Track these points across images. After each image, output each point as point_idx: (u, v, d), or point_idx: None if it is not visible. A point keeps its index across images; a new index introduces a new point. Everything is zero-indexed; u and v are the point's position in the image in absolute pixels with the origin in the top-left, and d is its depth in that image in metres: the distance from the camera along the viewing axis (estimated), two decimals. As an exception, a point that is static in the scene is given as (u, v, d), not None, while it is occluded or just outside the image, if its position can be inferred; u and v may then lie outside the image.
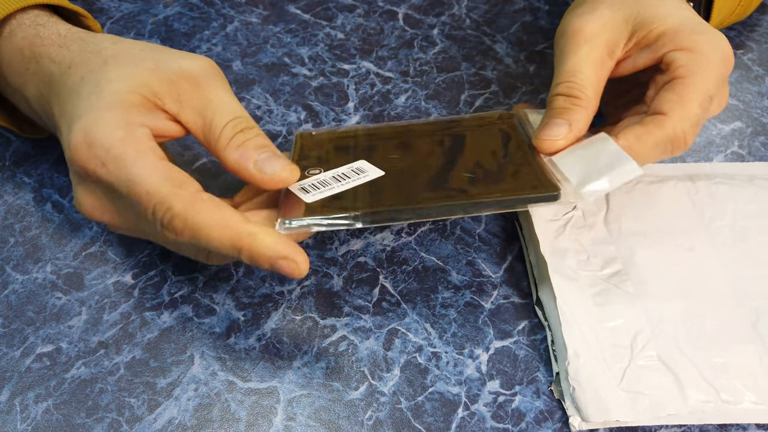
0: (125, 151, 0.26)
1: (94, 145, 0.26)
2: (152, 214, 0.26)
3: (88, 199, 0.28)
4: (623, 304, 0.30)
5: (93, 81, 0.28)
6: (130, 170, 0.26)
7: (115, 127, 0.26)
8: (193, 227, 0.25)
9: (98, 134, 0.26)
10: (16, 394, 0.29)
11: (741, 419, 0.28)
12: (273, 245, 0.25)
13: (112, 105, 0.27)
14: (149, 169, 0.26)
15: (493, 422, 0.28)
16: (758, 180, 0.36)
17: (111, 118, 0.26)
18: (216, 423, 0.28)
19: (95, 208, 0.28)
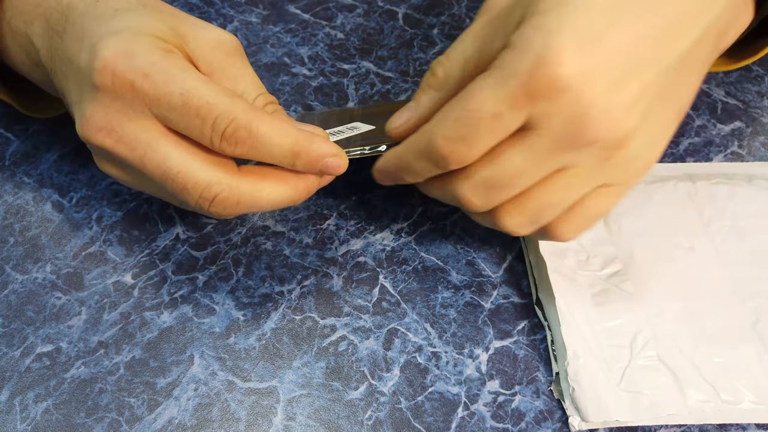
0: (173, 64, 0.25)
1: (136, 56, 0.24)
2: (212, 126, 0.25)
3: (105, 114, 0.25)
4: (623, 304, 0.30)
5: (131, 16, 0.26)
6: (185, 81, 0.25)
7: (156, 46, 0.25)
8: (257, 136, 0.25)
9: (140, 46, 0.25)
10: (16, 393, 0.29)
11: (741, 419, 0.28)
12: (326, 144, 0.27)
13: (153, 35, 0.26)
14: (203, 80, 0.25)
15: (492, 422, 0.28)
16: (758, 180, 0.36)
17: (153, 40, 0.25)
18: (216, 423, 0.28)
19: (110, 127, 0.25)
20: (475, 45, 0.25)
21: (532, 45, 0.22)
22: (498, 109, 0.23)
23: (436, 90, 0.26)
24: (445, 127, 0.24)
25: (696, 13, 0.24)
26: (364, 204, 0.36)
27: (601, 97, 0.22)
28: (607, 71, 0.22)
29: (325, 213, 0.35)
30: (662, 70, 0.23)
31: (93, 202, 0.35)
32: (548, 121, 0.23)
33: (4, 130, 0.39)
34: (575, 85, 0.22)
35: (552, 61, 0.22)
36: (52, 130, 0.38)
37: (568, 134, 0.23)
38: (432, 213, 0.35)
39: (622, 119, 0.23)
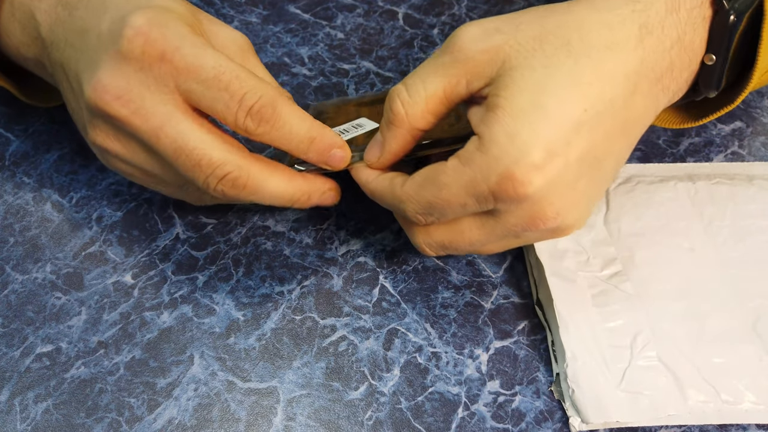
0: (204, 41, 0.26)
1: (169, 27, 0.25)
2: (240, 100, 0.25)
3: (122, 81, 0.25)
4: (623, 305, 0.30)
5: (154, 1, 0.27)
6: (216, 56, 0.25)
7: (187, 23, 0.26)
8: (280, 115, 0.26)
9: (173, 21, 0.25)
10: (16, 394, 0.29)
11: (741, 419, 0.28)
12: (337, 136, 0.29)
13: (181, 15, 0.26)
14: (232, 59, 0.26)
15: (493, 422, 0.28)
16: (758, 180, 0.36)
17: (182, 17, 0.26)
18: (216, 423, 0.28)
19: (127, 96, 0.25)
20: (439, 85, 0.26)
21: (503, 157, 0.24)
22: (466, 201, 0.25)
23: (398, 127, 0.27)
24: (417, 204, 0.27)
25: (640, 116, 0.26)
26: (364, 204, 0.36)
27: (556, 201, 0.25)
28: (565, 179, 0.25)
29: (325, 213, 0.35)
30: (605, 167, 0.26)
31: (93, 202, 0.35)
32: (507, 215, 0.26)
33: (4, 130, 0.38)
34: (537, 196, 0.24)
35: (520, 179, 0.24)
36: (52, 130, 0.38)
37: (522, 226, 0.26)
38: (432, 213, 0.35)
39: (568, 215, 0.26)
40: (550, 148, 0.24)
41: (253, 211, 0.35)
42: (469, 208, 0.26)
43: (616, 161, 0.27)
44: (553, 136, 0.24)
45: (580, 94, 0.24)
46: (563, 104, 0.24)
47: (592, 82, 0.24)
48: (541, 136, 0.24)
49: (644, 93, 0.26)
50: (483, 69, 0.25)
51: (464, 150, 0.25)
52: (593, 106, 0.24)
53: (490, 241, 0.27)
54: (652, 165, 0.36)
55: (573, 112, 0.24)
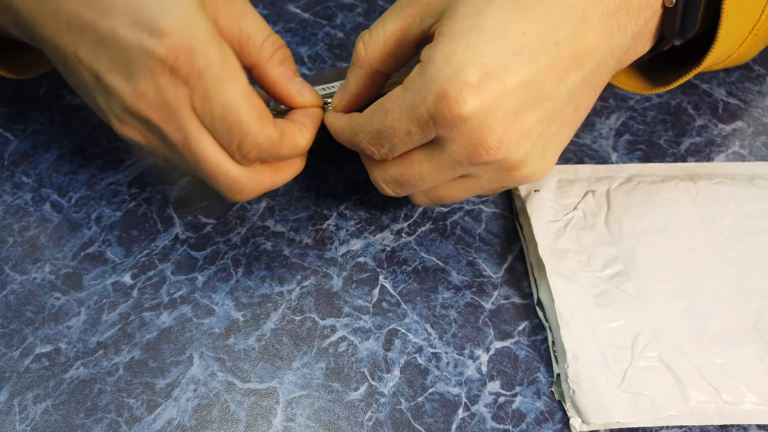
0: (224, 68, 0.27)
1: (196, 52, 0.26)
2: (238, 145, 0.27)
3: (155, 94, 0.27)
4: (624, 305, 0.30)
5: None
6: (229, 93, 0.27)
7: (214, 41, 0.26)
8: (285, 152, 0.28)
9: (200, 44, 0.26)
10: (15, 394, 0.28)
11: (742, 420, 0.28)
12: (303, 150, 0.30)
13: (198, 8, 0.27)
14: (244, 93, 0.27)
15: (493, 423, 0.28)
16: (759, 180, 0.35)
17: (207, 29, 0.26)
18: (215, 424, 0.28)
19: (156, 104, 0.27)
20: (396, 25, 0.27)
21: (438, 75, 0.24)
22: (410, 128, 0.25)
23: (359, 67, 0.29)
24: (368, 134, 0.27)
25: (592, 50, 0.26)
26: (364, 204, 0.36)
27: (497, 128, 0.24)
28: (505, 105, 0.24)
29: (325, 213, 0.35)
30: (556, 101, 0.26)
31: (92, 202, 0.35)
32: (450, 143, 0.25)
33: (3, 130, 0.38)
34: (474, 118, 0.24)
35: (454, 98, 0.24)
36: (51, 130, 0.38)
37: (466, 155, 0.25)
38: (432, 213, 0.35)
39: (516, 147, 0.25)
40: (486, 69, 0.24)
41: (253, 211, 0.35)
42: (414, 137, 0.26)
43: (570, 96, 0.26)
44: (490, 56, 0.24)
45: (519, 17, 0.24)
46: (501, 26, 0.24)
47: (534, 6, 0.24)
48: (477, 55, 0.24)
49: (594, 25, 0.25)
50: (434, 5, 0.26)
51: (408, 77, 0.26)
52: (534, 30, 0.24)
53: (442, 176, 0.27)
54: (653, 165, 0.36)
55: (512, 35, 0.24)
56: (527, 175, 0.27)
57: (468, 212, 0.35)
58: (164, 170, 0.36)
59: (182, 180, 0.36)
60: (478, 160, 0.25)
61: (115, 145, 0.37)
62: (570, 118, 0.27)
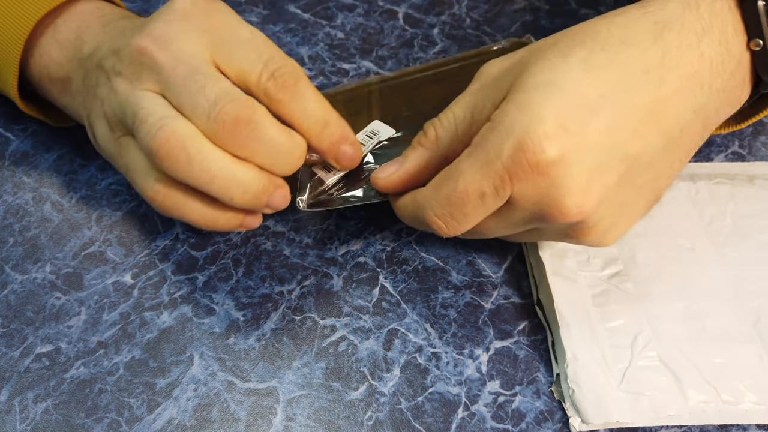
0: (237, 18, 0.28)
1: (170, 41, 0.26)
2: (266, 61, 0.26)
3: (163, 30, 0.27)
4: (623, 305, 0.30)
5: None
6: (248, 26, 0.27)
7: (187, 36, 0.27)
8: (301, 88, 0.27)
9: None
10: (16, 394, 0.29)
11: (741, 420, 0.28)
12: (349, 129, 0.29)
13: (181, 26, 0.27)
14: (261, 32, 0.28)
15: (493, 422, 0.28)
16: (759, 180, 0.35)
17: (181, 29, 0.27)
18: (215, 423, 0.28)
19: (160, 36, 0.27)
20: (467, 110, 0.26)
21: (514, 127, 0.23)
22: (484, 190, 0.24)
23: (426, 148, 0.27)
24: (436, 205, 0.26)
25: (674, 114, 0.24)
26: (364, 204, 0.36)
27: (575, 189, 0.23)
28: (584, 162, 0.23)
29: (325, 213, 0.35)
30: (635, 165, 0.24)
31: (92, 202, 0.35)
32: (524, 201, 0.24)
33: (3, 129, 0.38)
34: (552, 171, 0.23)
35: (533, 148, 0.22)
36: (51, 130, 0.38)
37: (540, 213, 0.24)
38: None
39: (590, 213, 0.24)
40: (564, 122, 0.22)
41: (253, 211, 0.35)
42: (488, 200, 0.24)
43: (649, 163, 0.25)
44: (568, 111, 0.23)
45: (595, 77, 0.23)
46: (578, 84, 0.23)
47: (609, 69, 0.23)
48: (554, 106, 0.23)
49: (675, 88, 0.24)
50: (504, 79, 0.25)
51: (477, 136, 0.24)
52: (612, 93, 0.23)
53: (509, 231, 0.27)
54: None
55: (589, 93, 0.23)
56: (593, 241, 0.26)
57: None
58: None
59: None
60: (550, 219, 0.24)
61: (116, 145, 0.37)
62: (647, 186, 0.26)
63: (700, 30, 0.24)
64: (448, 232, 0.26)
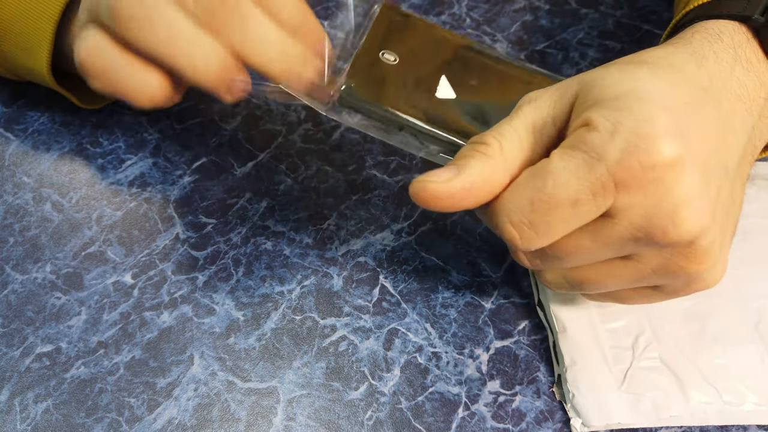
0: None
1: None
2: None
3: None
4: (625, 306, 0.30)
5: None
6: None
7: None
8: None
9: None
10: (16, 394, 0.29)
11: (743, 420, 0.28)
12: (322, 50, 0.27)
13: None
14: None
15: (493, 422, 0.28)
16: (759, 180, 0.35)
17: None
18: (216, 423, 0.28)
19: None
20: (527, 124, 0.23)
21: (622, 128, 0.20)
22: (579, 196, 0.20)
23: (489, 157, 0.22)
24: (515, 210, 0.21)
25: (738, 131, 0.23)
26: (364, 204, 0.36)
27: (691, 194, 0.20)
28: (696, 167, 0.20)
29: (325, 213, 0.35)
30: (728, 173, 0.22)
31: (93, 202, 0.35)
32: (630, 213, 0.20)
33: (3, 130, 0.38)
34: (668, 178, 0.20)
35: (646, 149, 0.19)
36: (52, 130, 0.38)
37: (646, 230, 0.20)
38: (432, 213, 0.35)
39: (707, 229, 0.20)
40: (676, 121, 0.20)
41: (253, 211, 0.35)
42: (582, 210, 0.20)
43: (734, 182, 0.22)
44: (673, 110, 0.20)
45: (674, 86, 0.21)
46: (664, 91, 0.21)
47: (679, 83, 0.21)
48: (660, 106, 0.20)
49: (731, 109, 0.23)
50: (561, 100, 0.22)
51: (568, 140, 0.21)
52: (695, 102, 0.21)
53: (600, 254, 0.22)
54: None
55: (679, 99, 0.21)
56: (705, 274, 0.22)
57: (468, 212, 0.35)
58: (165, 170, 0.36)
59: (183, 180, 0.36)
60: (658, 240, 0.20)
61: (116, 145, 0.37)
62: (734, 205, 0.23)
63: (731, 59, 0.24)
64: (521, 245, 0.22)
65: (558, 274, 0.24)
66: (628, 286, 0.24)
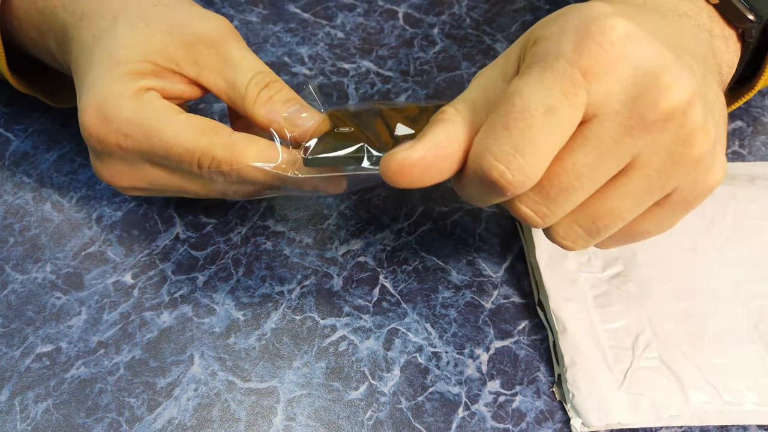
0: (146, 117, 0.26)
1: (111, 119, 0.26)
2: (198, 166, 0.26)
3: (109, 169, 0.28)
4: (625, 306, 0.30)
5: (104, 44, 0.27)
6: (161, 134, 0.26)
7: (127, 98, 0.26)
8: (239, 169, 0.26)
9: (112, 108, 0.26)
10: (16, 393, 0.29)
11: (743, 420, 0.28)
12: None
13: (123, 76, 0.27)
14: (179, 126, 0.26)
15: (493, 422, 0.28)
16: (759, 180, 0.35)
17: (121, 90, 0.26)
18: (216, 423, 0.28)
19: (119, 175, 0.28)
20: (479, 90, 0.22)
21: (568, 24, 0.19)
22: (551, 101, 0.19)
23: (447, 120, 0.22)
24: (494, 143, 0.20)
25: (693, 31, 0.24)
26: (364, 204, 0.36)
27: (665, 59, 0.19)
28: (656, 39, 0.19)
29: (325, 213, 0.35)
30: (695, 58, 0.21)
31: (93, 202, 0.35)
32: (611, 102, 0.19)
33: (4, 130, 0.38)
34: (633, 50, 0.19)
35: (599, 30, 0.18)
36: (52, 130, 0.38)
37: (636, 111, 0.19)
38: (432, 213, 0.35)
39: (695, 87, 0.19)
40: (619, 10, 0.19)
41: (253, 211, 0.35)
42: (559, 115, 0.19)
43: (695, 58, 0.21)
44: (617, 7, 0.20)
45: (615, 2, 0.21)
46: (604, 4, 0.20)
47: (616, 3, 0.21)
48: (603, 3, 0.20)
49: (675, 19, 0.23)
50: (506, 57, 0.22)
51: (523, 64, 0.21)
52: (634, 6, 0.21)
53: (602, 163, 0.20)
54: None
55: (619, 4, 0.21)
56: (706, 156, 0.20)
57: (468, 212, 0.35)
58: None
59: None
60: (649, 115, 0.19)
61: (116, 145, 0.37)
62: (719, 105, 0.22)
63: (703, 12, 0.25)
64: (513, 178, 0.20)
65: (569, 223, 0.22)
66: (639, 206, 0.22)
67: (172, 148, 0.26)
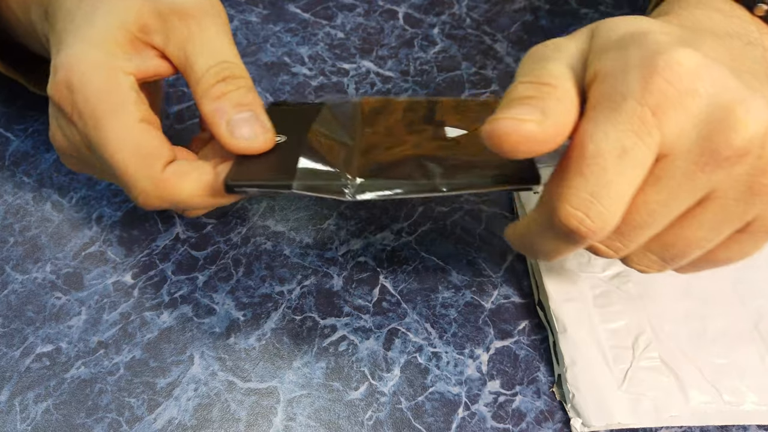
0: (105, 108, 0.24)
1: (74, 90, 0.24)
2: (125, 185, 0.25)
3: (61, 136, 0.27)
4: (625, 306, 0.30)
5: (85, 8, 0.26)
6: (102, 133, 0.24)
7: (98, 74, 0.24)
8: (170, 199, 0.25)
9: (79, 79, 0.24)
10: (16, 394, 0.29)
11: (743, 420, 0.28)
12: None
13: (99, 42, 0.25)
14: (121, 137, 0.24)
15: (493, 422, 0.28)
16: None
17: (97, 60, 0.25)
18: (216, 423, 0.28)
19: (66, 147, 0.27)
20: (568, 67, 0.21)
21: (631, 60, 0.19)
22: (623, 143, 0.18)
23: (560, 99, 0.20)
24: (570, 192, 0.19)
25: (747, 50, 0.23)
26: (364, 204, 0.36)
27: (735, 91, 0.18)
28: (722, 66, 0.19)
29: (325, 213, 0.35)
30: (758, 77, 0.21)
31: (93, 202, 0.35)
32: (683, 140, 0.19)
33: (4, 130, 0.38)
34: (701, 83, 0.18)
35: (664, 65, 0.18)
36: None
37: (709, 148, 0.18)
38: (432, 213, 0.35)
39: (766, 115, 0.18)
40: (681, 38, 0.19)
41: (253, 211, 0.35)
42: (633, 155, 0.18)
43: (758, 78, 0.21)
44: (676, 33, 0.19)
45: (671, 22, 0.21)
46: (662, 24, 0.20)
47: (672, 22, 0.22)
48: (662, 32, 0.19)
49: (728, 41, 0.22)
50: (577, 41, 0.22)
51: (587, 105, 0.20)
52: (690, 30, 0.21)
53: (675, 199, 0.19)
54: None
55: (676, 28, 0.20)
56: None
57: (468, 212, 0.35)
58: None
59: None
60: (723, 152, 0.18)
61: (116, 145, 0.37)
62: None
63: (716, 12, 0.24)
64: (593, 225, 0.19)
65: (643, 252, 0.22)
66: (717, 236, 0.21)
67: (105, 153, 0.24)
